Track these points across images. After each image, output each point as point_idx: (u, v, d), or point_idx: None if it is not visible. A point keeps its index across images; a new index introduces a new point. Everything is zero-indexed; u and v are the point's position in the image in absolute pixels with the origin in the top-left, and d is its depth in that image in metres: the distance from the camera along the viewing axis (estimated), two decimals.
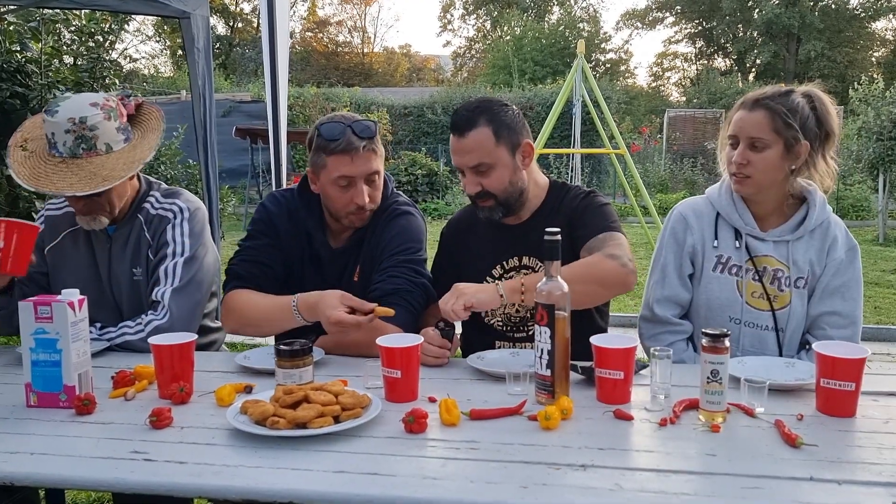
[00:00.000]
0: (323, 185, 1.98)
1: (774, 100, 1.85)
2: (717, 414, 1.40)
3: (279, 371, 1.60)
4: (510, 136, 1.95)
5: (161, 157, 5.90)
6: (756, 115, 1.85)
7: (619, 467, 1.21)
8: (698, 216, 2.01)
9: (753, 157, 1.86)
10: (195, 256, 2.08)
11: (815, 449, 1.27)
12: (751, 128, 1.85)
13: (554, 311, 1.49)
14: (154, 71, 28.59)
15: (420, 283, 1.98)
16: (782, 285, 1.92)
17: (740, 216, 1.94)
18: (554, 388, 1.51)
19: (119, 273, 2.10)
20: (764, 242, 1.94)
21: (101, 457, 1.30)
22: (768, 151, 1.85)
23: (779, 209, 1.95)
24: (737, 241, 1.95)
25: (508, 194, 1.99)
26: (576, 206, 2.03)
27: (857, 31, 32.02)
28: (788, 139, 1.83)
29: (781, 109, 1.83)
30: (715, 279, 1.96)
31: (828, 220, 1.94)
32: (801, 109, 1.84)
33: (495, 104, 1.97)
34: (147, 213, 2.12)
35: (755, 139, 1.85)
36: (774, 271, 1.93)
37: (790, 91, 1.87)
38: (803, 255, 1.93)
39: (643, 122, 21.69)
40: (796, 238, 1.93)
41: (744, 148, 1.87)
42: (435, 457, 1.28)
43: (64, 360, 1.55)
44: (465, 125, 1.94)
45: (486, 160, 1.94)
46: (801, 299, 1.93)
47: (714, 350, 1.40)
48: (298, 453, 1.29)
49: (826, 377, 1.44)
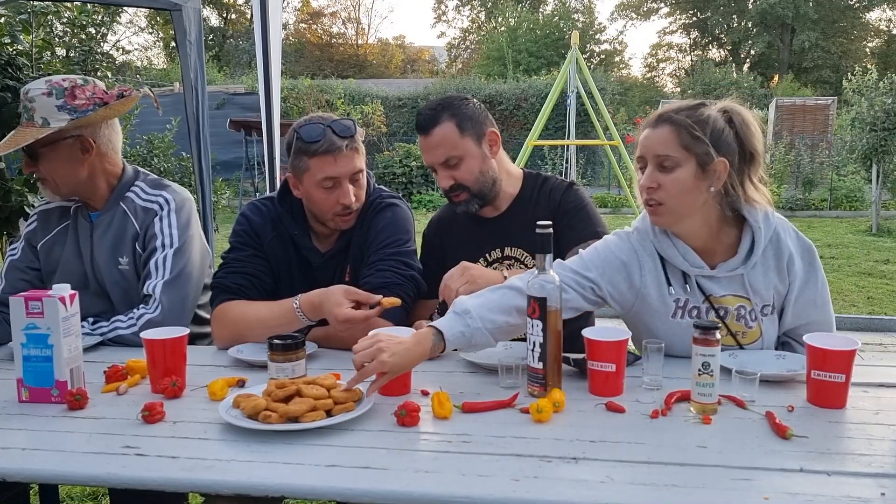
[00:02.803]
0: (307, 188, 1.96)
1: (679, 113, 1.63)
2: (708, 406, 1.41)
3: (272, 365, 1.60)
4: (474, 127, 2.01)
5: (154, 150, 5.87)
6: (661, 132, 1.63)
7: (611, 459, 1.22)
8: (650, 255, 1.75)
9: (663, 178, 1.62)
10: (184, 248, 2.07)
11: (806, 440, 1.28)
12: (656, 146, 1.63)
13: (546, 304, 1.49)
14: (147, 63, 28.44)
15: (409, 275, 1.97)
16: (749, 321, 1.73)
17: (684, 257, 1.70)
18: (546, 380, 1.51)
19: (101, 260, 2.09)
20: (716, 281, 1.72)
21: (93, 452, 1.30)
22: (679, 171, 1.61)
23: (718, 239, 1.71)
24: (686, 285, 1.73)
25: (481, 184, 2.04)
26: (559, 199, 2.07)
27: (851, 22, 32.04)
28: (700, 155, 1.60)
29: (687, 122, 1.60)
30: (677, 325, 1.74)
31: (775, 233, 1.72)
32: (714, 122, 1.62)
33: (455, 99, 2.04)
34: (133, 204, 2.11)
35: (662, 158, 1.62)
36: (738, 309, 1.72)
37: (701, 104, 1.66)
38: (763, 280, 1.72)
39: (638, 113, 21.67)
40: (751, 268, 1.70)
41: (652, 169, 1.64)
42: (427, 450, 1.28)
43: (55, 356, 1.54)
44: (429, 123, 2.00)
45: (453, 153, 1.99)
46: (773, 324, 1.76)
47: (705, 342, 1.41)
48: (291, 447, 1.29)
49: (817, 369, 1.44)
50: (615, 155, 9.89)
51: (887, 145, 9.59)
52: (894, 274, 7.42)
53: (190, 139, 3.27)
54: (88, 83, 2.03)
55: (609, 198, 13.86)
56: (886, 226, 10.47)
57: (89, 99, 2.01)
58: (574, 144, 10.73)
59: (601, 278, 1.73)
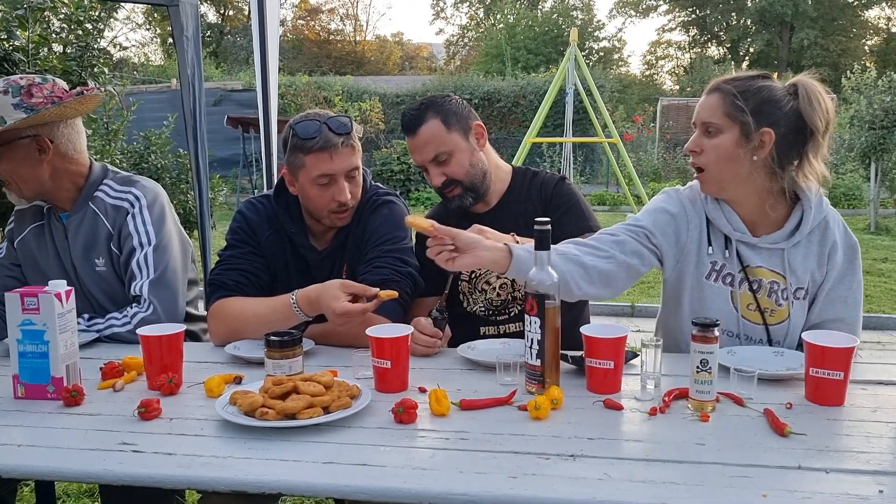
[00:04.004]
0: (302, 185, 1.96)
1: (730, 83, 1.70)
2: (706, 403, 1.40)
3: (268, 362, 1.59)
4: (459, 122, 2.04)
5: (151, 147, 5.85)
6: (710, 99, 1.71)
7: (608, 457, 1.21)
8: (697, 211, 1.80)
9: (706, 143, 1.71)
10: (162, 244, 2.05)
11: (804, 438, 1.28)
12: (704, 112, 1.71)
13: (544, 301, 1.49)
14: (145, 59, 28.35)
15: (406, 272, 1.96)
16: (780, 299, 1.75)
17: (728, 220, 1.76)
18: (544, 377, 1.51)
19: (77, 263, 2.08)
20: (756, 251, 1.76)
21: (89, 448, 1.29)
22: (721, 137, 1.68)
23: (765, 211, 1.75)
24: (727, 251, 1.78)
25: (472, 177, 2.05)
26: (551, 193, 2.09)
27: (850, 20, 32.02)
28: (744, 124, 1.65)
29: (733, 91, 1.67)
30: (708, 288, 1.79)
31: (825, 219, 1.76)
32: (764, 93, 1.66)
33: (438, 98, 2.08)
34: (102, 203, 2.08)
35: (708, 124, 1.70)
36: (771, 284, 1.76)
37: (760, 75, 1.71)
38: (802, 262, 1.75)
39: (636, 110, 21.68)
40: (793, 245, 1.74)
41: (698, 134, 1.73)
42: (424, 447, 1.28)
43: (51, 352, 1.53)
44: (415, 122, 2.03)
45: (442, 149, 2.02)
46: (802, 311, 1.77)
47: (704, 340, 1.40)
48: (287, 444, 1.29)
49: (815, 366, 1.44)
50: (614, 152, 9.88)
51: (886, 143, 9.58)
52: (892, 272, 7.43)
53: (187, 136, 3.25)
54: (47, 81, 1.98)
55: (607, 195, 13.86)
56: (885, 224, 10.48)
57: (46, 97, 1.95)
58: (572, 142, 10.72)
59: (654, 227, 1.80)
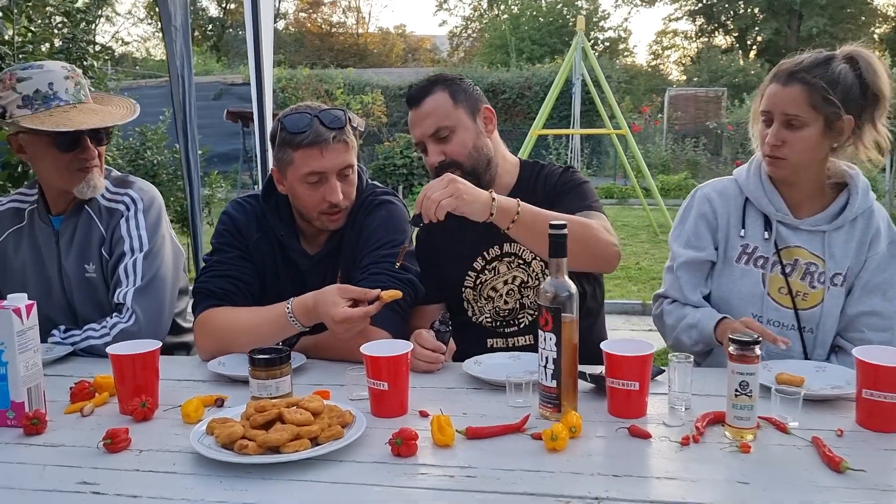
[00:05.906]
0: (291, 183, 1.79)
1: (812, 72, 1.64)
2: (746, 431, 1.24)
3: (253, 382, 1.44)
4: (468, 100, 1.88)
5: (147, 143, 5.70)
6: (791, 91, 1.65)
7: (639, 500, 1.05)
8: (725, 200, 1.83)
9: (789, 136, 1.66)
10: (154, 252, 1.90)
11: (863, 475, 1.11)
12: (786, 104, 1.65)
13: (560, 315, 1.32)
14: (146, 54, 28.20)
15: (406, 278, 1.78)
16: (815, 281, 1.73)
17: (770, 201, 1.75)
18: (560, 400, 1.34)
19: (69, 269, 1.92)
20: (796, 232, 1.75)
21: (44, 489, 1.14)
22: (806, 130, 1.65)
23: (815, 194, 1.76)
24: (766, 232, 1.76)
25: (475, 160, 1.85)
26: (554, 182, 1.91)
27: (859, 8, 31.57)
28: (829, 115, 1.63)
29: (820, 84, 1.62)
30: (739, 271, 1.78)
31: (871, 208, 1.74)
32: (843, 79, 1.63)
33: (449, 75, 1.93)
34: (97, 205, 1.94)
35: (791, 117, 1.65)
36: (807, 265, 1.74)
37: (830, 58, 1.66)
38: (842, 247, 1.73)
39: (643, 101, 21.42)
40: (835, 228, 1.73)
41: (779, 127, 1.67)
42: (425, 486, 1.12)
43: (10, 374, 1.37)
44: (421, 94, 1.87)
45: (445, 122, 1.83)
46: (837, 298, 1.73)
47: (743, 359, 1.23)
48: (269, 484, 1.13)
49: (868, 388, 1.27)
50: (622, 144, 9.67)
51: None
52: None
53: (177, 130, 3.10)
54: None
55: (615, 188, 13.61)
56: None
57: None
58: (579, 133, 10.52)
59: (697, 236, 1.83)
